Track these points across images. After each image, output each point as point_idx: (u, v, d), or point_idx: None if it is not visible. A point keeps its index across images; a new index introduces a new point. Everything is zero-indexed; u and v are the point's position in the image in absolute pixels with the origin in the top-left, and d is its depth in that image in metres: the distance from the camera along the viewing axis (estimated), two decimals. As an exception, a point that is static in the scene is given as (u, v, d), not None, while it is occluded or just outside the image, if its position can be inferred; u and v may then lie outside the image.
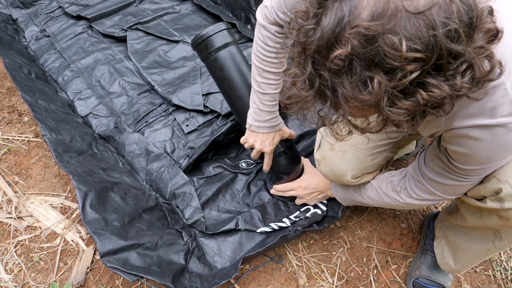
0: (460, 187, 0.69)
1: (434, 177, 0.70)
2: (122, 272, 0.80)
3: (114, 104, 1.39)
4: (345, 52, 0.40)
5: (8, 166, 1.33)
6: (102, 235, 0.85)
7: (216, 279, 0.92)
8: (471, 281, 1.05)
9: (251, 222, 1.06)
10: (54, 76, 1.54)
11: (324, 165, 0.91)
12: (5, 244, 1.14)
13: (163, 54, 1.53)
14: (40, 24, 1.78)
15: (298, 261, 1.08)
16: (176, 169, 1.15)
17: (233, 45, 1.03)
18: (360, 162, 0.87)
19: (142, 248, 0.91)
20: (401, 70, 0.39)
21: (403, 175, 0.81)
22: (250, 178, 1.18)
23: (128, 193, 1.05)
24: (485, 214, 0.69)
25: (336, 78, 0.43)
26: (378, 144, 0.87)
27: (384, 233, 1.14)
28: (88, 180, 0.97)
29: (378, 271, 1.07)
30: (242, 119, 1.04)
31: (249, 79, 1.02)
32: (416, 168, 0.75)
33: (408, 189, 0.78)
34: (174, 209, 1.09)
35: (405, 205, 0.81)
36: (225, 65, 1.01)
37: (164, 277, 0.85)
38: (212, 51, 1.00)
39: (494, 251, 0.77)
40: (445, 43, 0.39)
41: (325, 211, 1.07)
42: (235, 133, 1.26)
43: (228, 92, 1.06)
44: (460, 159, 0.61)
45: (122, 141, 1.25)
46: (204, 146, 1.17)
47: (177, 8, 1.78)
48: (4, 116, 1.49)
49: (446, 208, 0.95)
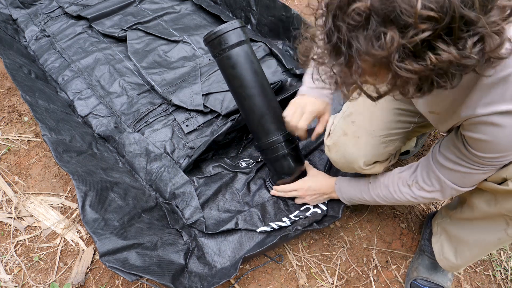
0: (473, 177, 0.68)
1: (449, 165, 0.70)
2: (122, 272, 0.80)
3: (114, 104, 1.39)
4: (364, 6, 0.42)
5: (8, 166, 1.33)
6: (101, 235, 0.85)
7: (216, 279, 0.92)
8: (471, 281, 1.05)
9: (251, 222, 1.06)
10: (54, 76, 1.54)
11: (336, 151, 0.91)
12: (5, 244, 1.14)
13: (163, 54, 1.53)
14: (40, 24, 1.78)
15: (298, 261, 1.08)
16: (176, 169, 1.15)
17: (246, 44, 1.02)
18: (373, 149, 0.88)
19: (142, 248, 0.91)
20: (414, 28, 0.41)
21: (414, 169, 0.81)
22: (250, 177, 1.17)
23: (128, 193, 1.05)
24: (501, 200, 0.69)
25: (353, 32, 0.45)
26: (391, 132, 0.88)
27: (384, 233, 1.14)
28: (88, 180, 0.97)
29: (378, 271, 1.07)
30: (250, 118, 1.04)
31: (260, 79, 1.02)
32: (429, 158, 0.75)
33: (419, 182, 0.78)
34: (174, 209, 1.09)
35: (415, 199, 0.81)
36: (237, 63, 1.00)
37: (164, 277, 0.85)
38: (225, 48, 0.99)
39: (505, 241, 0.76)
40: (458, 7, 0.40)
41: (325, 210, 1.07)
42: (235, 133, 1.26)
43: (238, 90, 1.04)
44: (479, 146, 0.62)
45: (122, 141, 1.25)
46: (204, 146, 1.17)
47: (177, 8, 1.78)
48: (4, 116, 1.49)
49: (448, 205, 0.95)
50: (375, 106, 0.89)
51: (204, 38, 1.02)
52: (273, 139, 1.02)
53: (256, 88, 1.01)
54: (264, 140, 1.03)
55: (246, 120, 1.07)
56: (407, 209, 1.19)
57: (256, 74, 1.02)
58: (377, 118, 0.88)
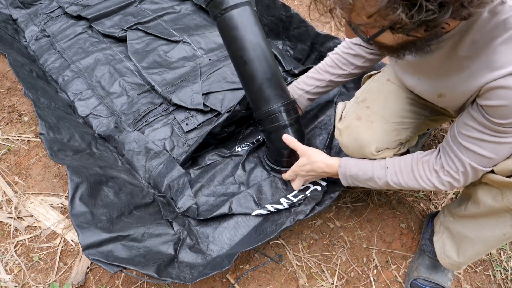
0: (500, 148, 0.66)
1: (471, 143, 0.68)
2: (104, 263, 0.78)
3: (114, 104, 1.39)
4: None
5: (8, 166, 1.33)
6: (85, 228, 0.84)
7: (207, 269, 0.89)
8: (471, 281, 1.05)
9: (245, 205, 1.01)
10: (54, 77, 1.54)
11: (348, 134, 0.90)
12: (5, 244, 1.14)
13: (163, 54, 1.54)
14: (40, 24, 1.78)
15: (298, 261, 1.08)
16: (173, 164, 1.14)
17: (248, 6, 0.99)
18: (386, 135, 0.87)
19: (127, 239, 0.88)
20: None
21: (436, 153, 0.79)
22: (243, 157, 1.13)
23: (123, 188, 1.03)
24: (508, 194, 0.69)
25: None
26: (404, 120, 0.88)
27: (384, 233, 1.14)
28: (83, 172, 0.95)
29: (378, 271, 1.07)
30: (250, 85, 0.99)
31: (262, 42, 0.99)
32: (449, 140, 0.74)
33: (445, 166, 0.75)
34: (168, 201, 1.07)
35: (443, 185, 0.77)
36: (239, 24, 0.96)
37: (148, 267, 0.83)
38: (227, 7, 0.96)
39: (510, 236, 0.75)
40: None
41: (325, 185, 1.03)
42: (233, 127, 1.24)
43: (238, 54, 0.99)
44: (498, 113, 0.61)
45: (121, 140, 1.25)
46: (201, 138, 1.15)
47: (177, 8, 1.78)
48: (4, 116, 1.49)
49: (450, 204, 0.95)
50: (389, 93, 0.90)
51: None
52: (273, 107, 0.97)
53: (257, 51, 0.97)
54: (264, 108, 0.98)
55: (245, 88, 1.03)
56: (407, 209, 1.19)
57: (257, 37, 0.98)
58: (390, 105, 0.89)
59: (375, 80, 0.96)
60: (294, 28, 1.51)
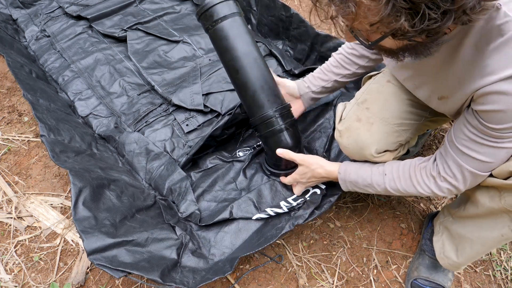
0: (496, 153, 0.66)
1: (467, 148, 0.69)
2: (109, 269, 0.79)
3: (114, 105, 1.39)
4: None
5: (8, 166, 1.33)
6: (89, 233, 0.84)
7: (209, 274, 0.90)
8: (471, 281, 1.05)
9: (245, 209, 1.02)
10: (54, 77, 1.54)
11: (348, 136, 0.90)
12: (5, 244, 1.14)
13: (163, 54, 1.53)
14: (40, 24, 1.78)
15: (298, 261, 1.08)
16: (174, 166, 1.14)
17: (238, 16, 1.00)
18: (386, 137, 0.87)
19: (131, 244, 0.89)
20: None
21: (433, 159, 0.79)
22: (245, 163, 1.15)
23: (125, 191, 1.03)
24: (506, 196, 0.69)
25: None
26: (404, 122, 0.88)
27: (384, 233, 1.14)
28: (85, 176, 0.95)
29: (378, 271, 1.07)
30: (244, 92, 1.01)
31: (253, 51, 1.00)
32: (446, 146, 0.74)
33: (441, 172, 0.76)
34: (170, 204, 1.08)
35: (441, 191, 0.78)
36: (230, 35, 0.98)
37: (152, 272, 0.83)
38: (217, 19, 0.98)
39: (509, 237, 0.75)
40: None
41: (324, 189, 1.04)
42: (233, 129, 1.25)
43: (230, 63, 1.01)
44: (492, 118, 0.61)
45: (122, 141, 1.25)
46: (202, 140, 1.16)
47: (177, 8, 1.78)
48: (4, 116, 1.49)
49: (450, 204, 0.95)
50: (389, 95, 0.89)
51: (196, 12, 1.00)
52: (267, 112, 0.99)
53: (249, 59, 0.99)
54: (259, 114, 1.00)
55: (240, 95, 1.05)
56: (407, 209, 1.19)
57: (249, 46, 1.00)
58: (390, 107, 0.88)
59: (375, 81, 0.96)
60: (294, 28, 1.51)
